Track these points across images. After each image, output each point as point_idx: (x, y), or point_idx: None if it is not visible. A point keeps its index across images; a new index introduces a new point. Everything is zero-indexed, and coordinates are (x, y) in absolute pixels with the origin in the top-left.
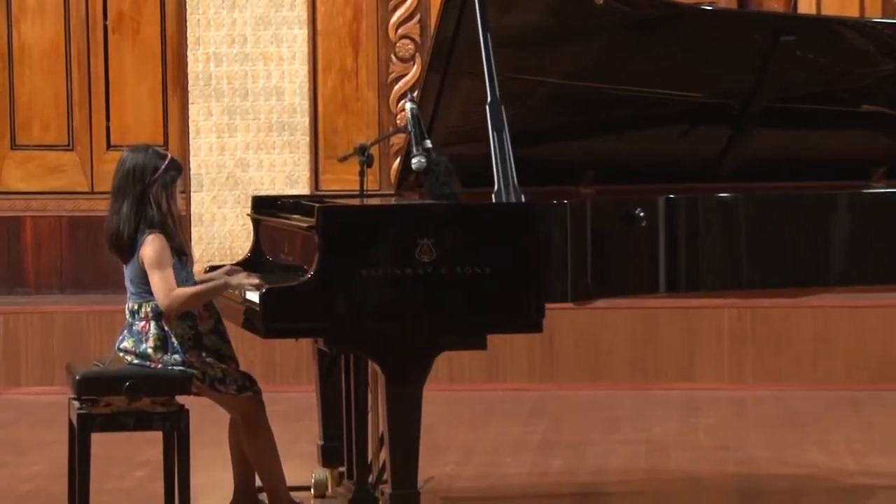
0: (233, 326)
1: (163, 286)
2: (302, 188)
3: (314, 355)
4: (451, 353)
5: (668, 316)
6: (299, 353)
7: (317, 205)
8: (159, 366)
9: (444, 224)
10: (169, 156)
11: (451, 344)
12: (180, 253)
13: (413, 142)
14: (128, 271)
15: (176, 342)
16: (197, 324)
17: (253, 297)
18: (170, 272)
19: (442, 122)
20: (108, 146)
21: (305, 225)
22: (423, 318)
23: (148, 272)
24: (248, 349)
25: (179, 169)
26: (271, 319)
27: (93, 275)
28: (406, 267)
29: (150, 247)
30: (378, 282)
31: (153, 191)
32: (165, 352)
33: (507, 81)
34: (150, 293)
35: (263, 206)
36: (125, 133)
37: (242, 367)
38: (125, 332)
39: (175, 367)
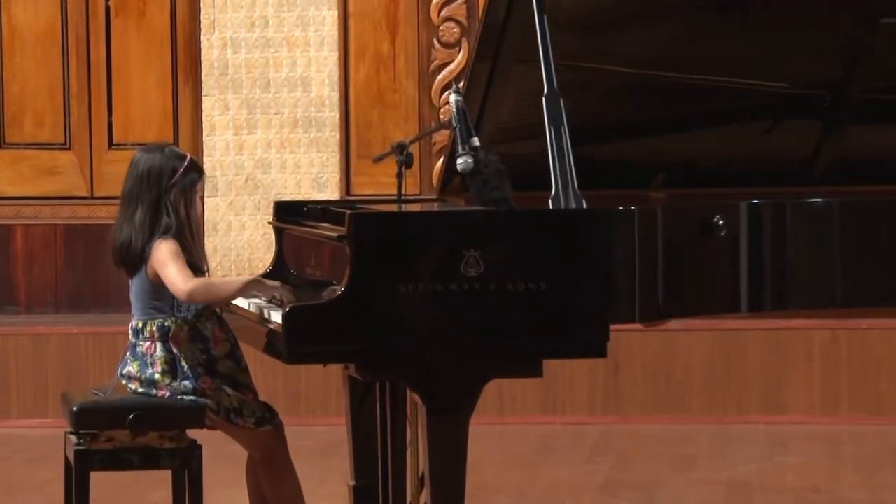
0: (251, 351)
1: (180, 275)
2: (331, 192)
3: (345, 383)
4: (502, 382)
5: (752, 339)
6: (327, 381)
7: (348, 211)
8: (167, 394)
9: (494, 233)
10: (188, 157)
11: (501, 370)
12: (196, 269)
13: (458, 139)
14: (134, 285)
15: (186, 366)
16: (210, 347)
17: (275, 316)
18: (185, 264)
19: (491, 116)
20: (111, 145)
21: (335, 234)
22: (469, 340)
23: (160, 270)
24: (269, 376)
25: (200, 171)
26: (296, 342)
27: (92, 291)
28: (450, 282)
29: (162, 249)
30: (418, 299)
31: (171, 196)
32: (174, 377)
33: (566, 70)
34: (157, 309)
35: (287, 213)
36: (129, 130)
37: (262, 398)
38: (128, 354)
39: (185, 396)
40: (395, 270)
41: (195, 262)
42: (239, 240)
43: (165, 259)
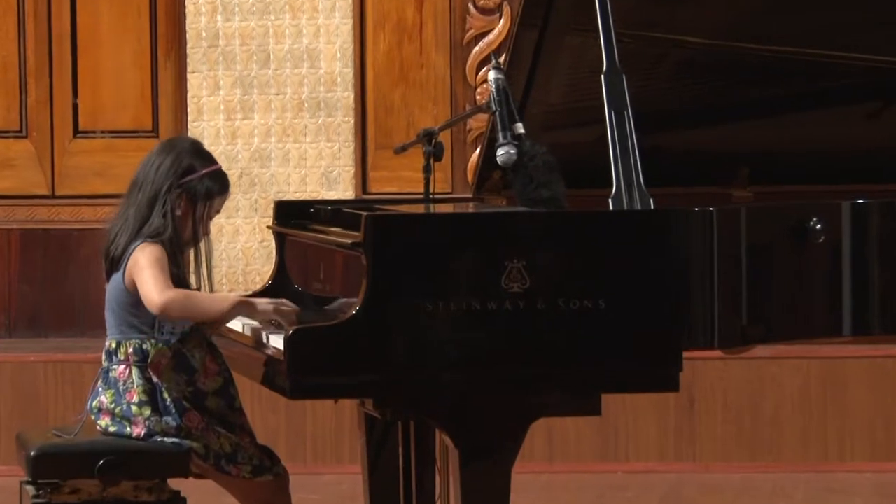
0: (246, 383)
1: (155, 283)
2: (344, 190)
3: (360, 423)
4: (552, 422)
5: (856, 369)
6: (339, 421)
7: (364, 213)
8: (143, 431)
9: (542, 240)
10: (217, 165)
11: (551, 408)
12: (180, 286)
13: (498, 126)
14: (109, 292)
15: (168, 399)
16: (197, 379)
17: (274, 340)
18: (166, 273)
19: (539, 98)
20: (76, 133)
21: (349, 241)
22: (511, 370)
23: (136, 277)
24: (269, 414)
25: (224, 186)
26: (300, 372)
27: (54, 310)
28: (488, 299)
29: (144, 253)
30: (449, 320)
31: (171, 196)
32: (154, 410)
33: (629, 42)
34: (135, 328)
35: (291, 216)
36: (99, 114)
37: (261, 440)
38: (100, 383)
39: (166, 438)
40: (422, 285)
41: (181, 278)
42: (231, 248)
43: (143, 264)
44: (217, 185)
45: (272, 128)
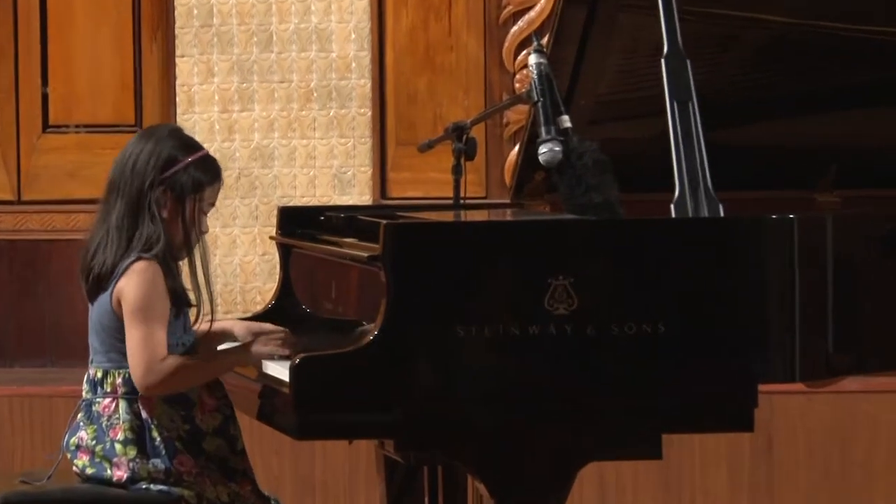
0: (246, 420)
1: (145, 349)
2: (360, 195)
3: (379, 468)
4: (605, 467)
5: None
6: (354, 466)
7: (384, 221)
8: (125, 475)
9: (592, 253)
10: (202, 150)
11: (603, 450)
12: (180, 301)
13: (541, 119)
14: (94, 314)
15: (158, 438)
16: (195, 416)
17: (277, 370)
18: (160, 329)
19: (588, 86)
20: (46, 127)
21: (366, 254)
22: (556, 407)
23: (125, 319)
24: (272, 457)
25: (215, 173)
26: (309, 407)
27: (20, 334)
28: (529, 323)
29: (135, 280)
30: (483, 347)
31: (156, 194)
32: (141, 452)
33: (694, 20)
34: (123, 354)
35: (297, 224)
36: (73, 105)
37: (263, 487)
38: (80, 416)
39: (153, 485)
40: (451, 306)
41: (178, 293)
42: (227, 262)
43: (133, 309)
44: (206, 174)
45: (275, 121)
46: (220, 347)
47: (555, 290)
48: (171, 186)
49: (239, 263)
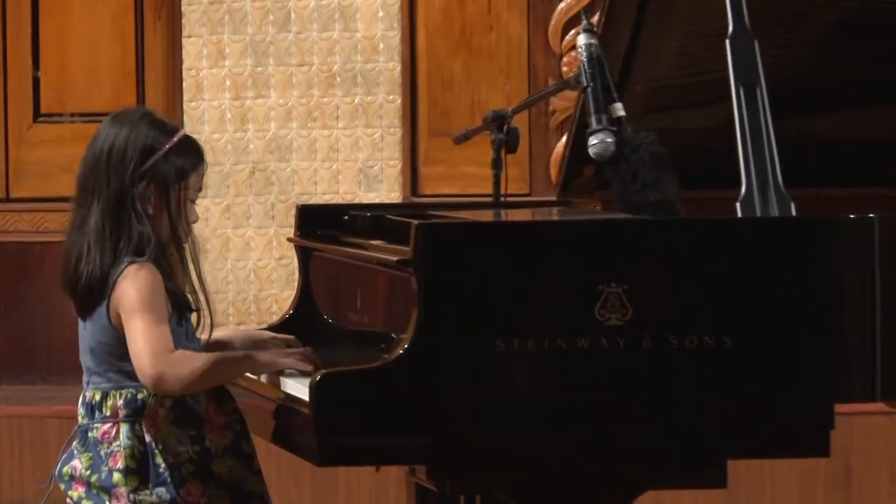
0: (262, 444)
1: (150, 340)
2: (388, 191)
3: (409, 498)
4: (664, 496)
5: None
6: (382, 495)
7: (415, 221)
8: None
9: (648, 257)
10: (180, 132)
11: (661, 478)
12: (182, 307)
13: (591, 107)
14: (87, 332)
15: (163, 465)
16: (204, 435)
17: (295, 388)
18: (163, 322)
19: (644, 69)
20: (37, 116)
21: (395, 258)
22: (608, 430)
23: (125, 322)
24: (290, 484)
25: (198, 155)
26: (331, 430)
27: (9, 347)
28: (578, 335)
29: (132, 283)
30: (527, 362)
31: (138, 190)
32: (142, 481)
33: None
34: (126, 374)
35: (318, 225)
36: (67, 93)
37: None
38: (75, 444)
39: None
40: (491, 316)
41: (178, 296)
42: (241, 267)
43: (133, 307)
44: (188, 158)
45: (294, 109)
46: None
47: (606, 298)
48: (154, 178)
49: (253, 268)
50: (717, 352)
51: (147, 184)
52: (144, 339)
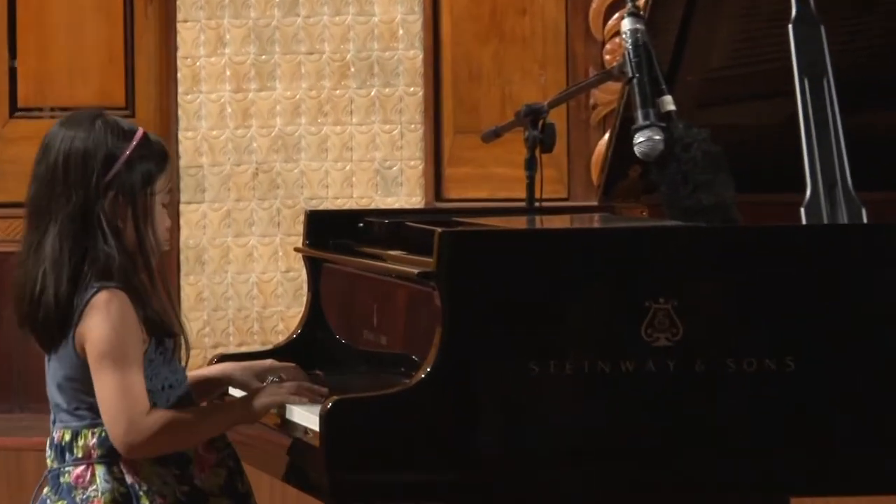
0: (265, 479)
1: (122, 402)
2: (408, 195)
3: None
4: None
5: None
6: None
7: (439, 229)
8: None
9: (701, 268)
10: (139, 131)
11: None
12: (160, 332)
13: (637, 100)
14: (52, 366)
15: None
16: (192, 474)
17: (304, 417)
18: (137, 373)
19: (695, 58)
20: (13, 111)
21: (416, 270)
22: (657, 465)
23: (94, 367)
24: None
25: (163, 156)
26: (344, 464)
27: None
28: (622, 357)
29: (99, 317)
30: (564, 389)
31: (104, 204)
32: None
33: None
34: (97, 410)
35: (330, 233)
36: (47, 85)
37: None
38: (47, 490)
39: None
40: (524, 336)
41: (156, 321)
42: (242, 281)
43: (101, 353)
44: (152, 161)
45: (302, 103)
46: (228, 395)
47: (654, 315)
48: (122, 190)
49: (256, 282)
50: (778, 376)
51: (114, 196)
52: (116, 402)
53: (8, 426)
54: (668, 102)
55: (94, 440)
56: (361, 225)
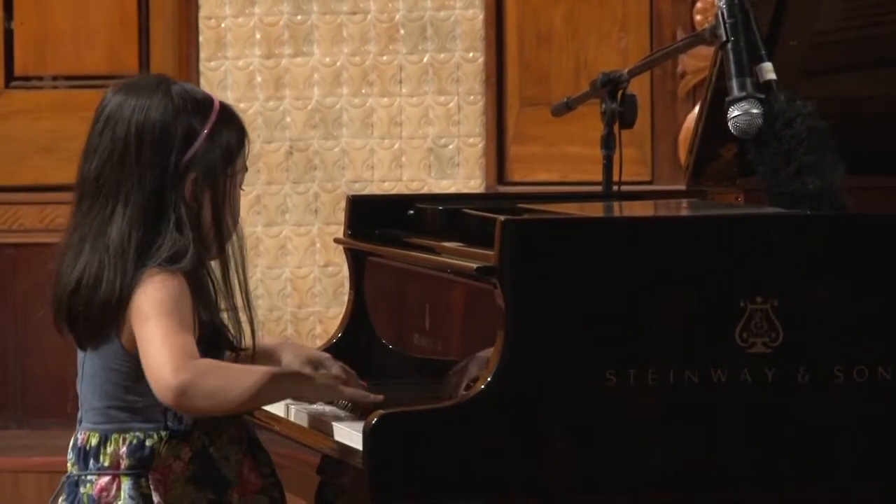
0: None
1: (168, 345)
2: (466, 178)
3: None
4: None
5: None
6: None
7: (502, 217)
8: None
9: (804, 263)
10: (216, 101)
11: None
12: (214, 331)
13: (733, 69)
14: (88, 356)
15: None
16: (230, 498)
17: (345, 432)
18: (188, 331)
19: (800, 20)
20: (9, 80)
21: (475, 265)
22: (754, 488)
23: (138, 330)
24: None
25: (242, 131)
26: (391, 487)
27: None
28: (712, 366)
29: (153, 287)
30: (645, 402)
31: (185, 188)
32: None
33: None
34: (136, 412)
35: (375, 222)
36: (49, 49)
37: None
38: (61, 499)
39: None
40: (599, 341)
41: (217, 329)
42: (274, 277)
43: (149, 311)
44: (233, 136)
45: (343, 71)
46: None
47: (750, 317)
48: (201, 170)
49: (290, 278)
50: (894, 386)
51: (195, 179)
52: (162, 345)
53: (6, 444)
54: (768, 71)
55: (125, 448)
56: (412, 212)
